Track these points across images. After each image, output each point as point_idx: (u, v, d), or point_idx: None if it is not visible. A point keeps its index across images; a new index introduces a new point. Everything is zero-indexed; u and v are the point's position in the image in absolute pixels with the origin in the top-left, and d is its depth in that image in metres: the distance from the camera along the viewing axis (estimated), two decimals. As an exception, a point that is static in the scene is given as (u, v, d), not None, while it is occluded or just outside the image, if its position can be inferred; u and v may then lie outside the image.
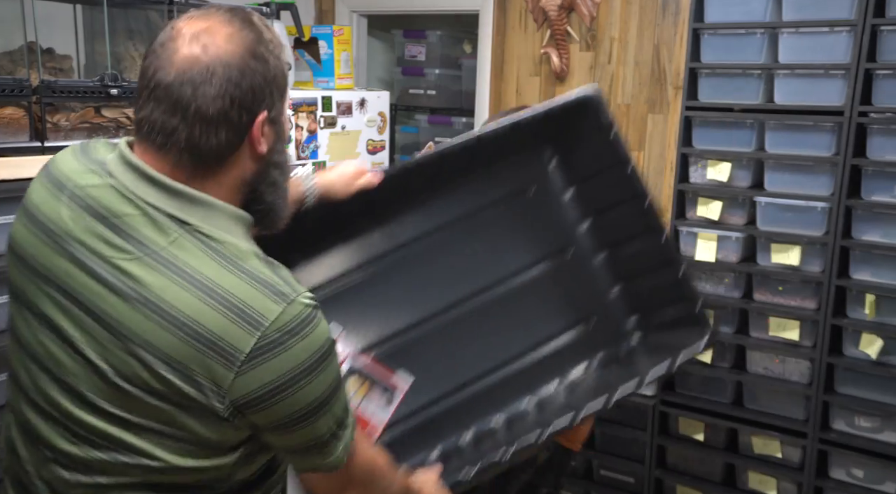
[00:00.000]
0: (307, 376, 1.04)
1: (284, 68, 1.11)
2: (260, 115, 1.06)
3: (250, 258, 1.06)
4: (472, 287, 1.75)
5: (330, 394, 1.09)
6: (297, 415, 1.06)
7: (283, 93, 1.12)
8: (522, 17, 3.23)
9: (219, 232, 1.05)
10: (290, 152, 1.21)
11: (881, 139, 2.27)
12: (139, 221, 1.03)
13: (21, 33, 1.86)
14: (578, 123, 1.73)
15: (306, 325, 1.04)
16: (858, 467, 2.40)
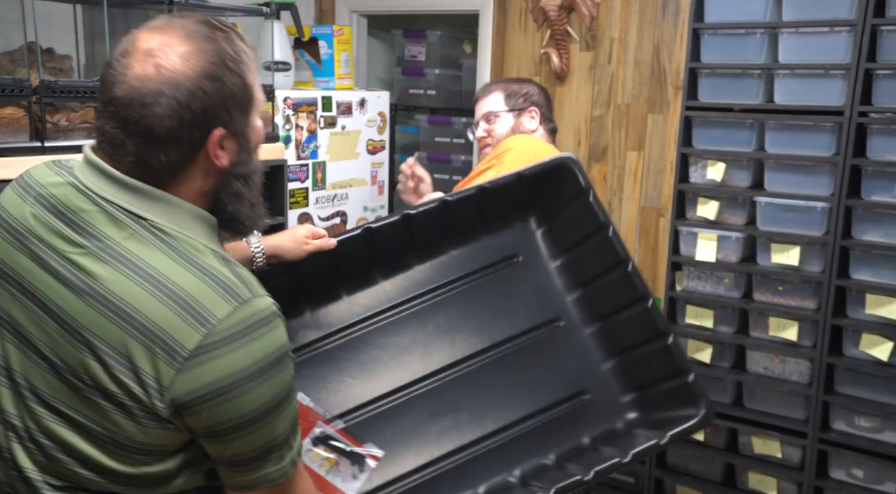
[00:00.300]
0: (251, 382, 1.01)
1: (248, 81, 1.09)
2: (214, 132, 1.05)
3: (207, 255, 1.05)
4: (456, 354, 1.69)
5: (274, 407, 1.05)
6: (235, 424, 1.02)
7: (247, 106, 1.10)
8: (522, 17, 3.23)
9: (176, 228, 1.05)
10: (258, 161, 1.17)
11: (881, 139, 2.27)
12: (96, 217, 1.04)
13: (21, 33, 1.86)
14: (557, 189, 1.73)
15: (258, 328, 1.02)
16: (858, 467, 2.40)
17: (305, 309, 1.69)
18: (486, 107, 2.35)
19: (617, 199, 3.11)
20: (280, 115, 2.63)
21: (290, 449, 1.10)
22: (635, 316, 1.66)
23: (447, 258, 1.76)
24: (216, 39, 1.05)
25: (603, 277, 1.71)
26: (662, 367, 1.63)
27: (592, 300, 1.74)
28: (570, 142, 3.19)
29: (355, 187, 3.02)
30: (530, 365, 1.69)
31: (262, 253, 1.55)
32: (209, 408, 1.00)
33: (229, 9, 2.44)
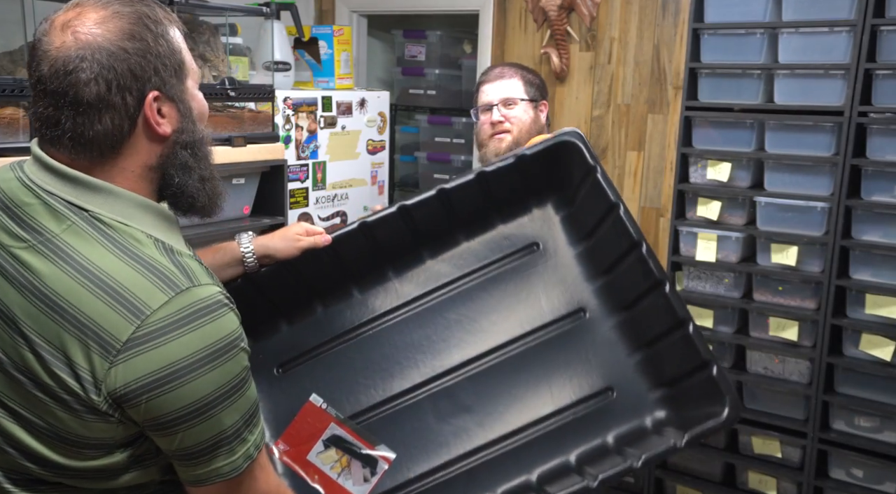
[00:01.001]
0: (191, 372, 0.99)
1: (174, 45, 1.07)
2: (149, 95, 1.03)
3: (147, 246, 1.04)
4: (473, 351, 1.62)
5: (220, 399, 1.03)
6: (177, 415, 1.01)
7: (179, 70, 1.08)
8: (522, 17, 3.23)
9: (118, 218, 1.05)
10: (206, 132, 1.15)
11: (881, 139, 2.27)
12: (38, 210, 1.03)
13: (21, 33, 1.86)
14: (569, 169, 1.64)
15: (198, 318, 1.00)
16: (858, 467, 2.40)
17: (318, 309, 1.66)
18: (507, 92, 2.24)
19: (617, 199, 3.11)
20: (280, 115, 2.63)
21: (242, 443, 1.08)
22: (655, 304, 1.56)
23: (462, 249, 1.68)
24: (133, 3, 1.05)
25: (621, 262, 1.61)
26: (687, 360, 1.52)
27: (615, 288, 1.63)
28: (570, 142, 3.19)
29: (355, 187, 3.02)
30: (552, 360, 1.60)
31: (252, 253, 1.52)
32: (147, 400, 0.99)
33: (229, 9, 2.44)
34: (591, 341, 1.61)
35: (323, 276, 1.62)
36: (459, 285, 1.67)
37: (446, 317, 1.64)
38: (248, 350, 1.08)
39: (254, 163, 2.42)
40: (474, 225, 1.69)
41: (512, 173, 1.65)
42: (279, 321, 1.65)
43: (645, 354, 1.59)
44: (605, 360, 1.60)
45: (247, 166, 2.39)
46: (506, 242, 1.69)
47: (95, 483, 1.09)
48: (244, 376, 1.07)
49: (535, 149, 1.65)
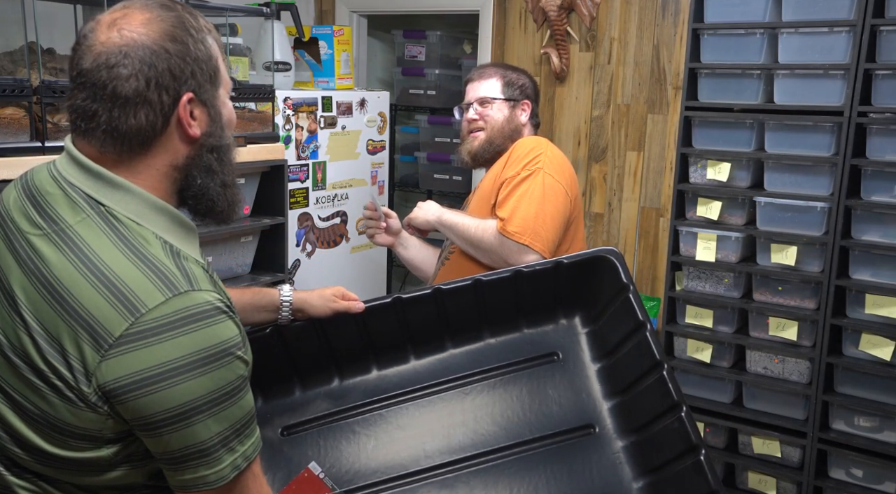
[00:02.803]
0: (180, 375, 1.00)
1: (212, 52, 1.11)
2: (184, 96, 1.07)
3: (154, 246, 1.05)
4: (479, 446, 1.59)
5: (208, 405, 1.02)
6: (163, 417, 1.01)
7: (214, 77, 1.12)
8: (522, 18, 3.23)
9: (132, 216, 1.07)
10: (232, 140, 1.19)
11: (880, 139, 2.27)
12: (58, 200, 1.07)
13: (21, 33, 1.86)
14: (599, 284, 1.66)
15: (193, 322, 1.01)
16: (858, 467, 2.40)
17: (335, 378, 1.65)
18: (483, 91, 2.24)
19: (617, 199, 3.12)
20: (280, 115, 2.63)
21: (230, 452, 1.06)
22: (668, 428, 1.53)
23: (483, 346, 1.68)
24: (176, 9, 1.09)
25: (640, 382, 1.59)
26: (695, 488, 1.48)
27: (629, 409, 1.60)
28: (570, 143, 3.19)
29: (355, 187, 3.02)
30: (555, 471, 1.57)
31: (290, 305, 1.55)
32: (135, 398, 1.00)
33: (229, 9, 2.44)
34: (597, 459, 1.58)
35: (347, 345, 1.61)
36: (476, 380, 1.66)
37: (458, 409, 1.63)
38: (246, 359, 1.08)
39: (254, 163, 2.42)
40: (501, 324, 1.69)
41: (547, 277, 1.66)
42: (294, 383, 1.64)
43: (650, 480, 1.55)
44: (608, 481, 1.56)
45: (247, 166, 2.39)
46: (528, 347, 1.69)
47: (79, 477, 1.09)
48: (238, 384, 1.06)
49: (573, 259, 1.68)
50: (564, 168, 2.06)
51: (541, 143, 2.09)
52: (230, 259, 2.45)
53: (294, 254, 2.75)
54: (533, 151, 2.05)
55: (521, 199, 1.97)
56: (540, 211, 1.96)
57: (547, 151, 2.05)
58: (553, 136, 3.21)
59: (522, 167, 2.02)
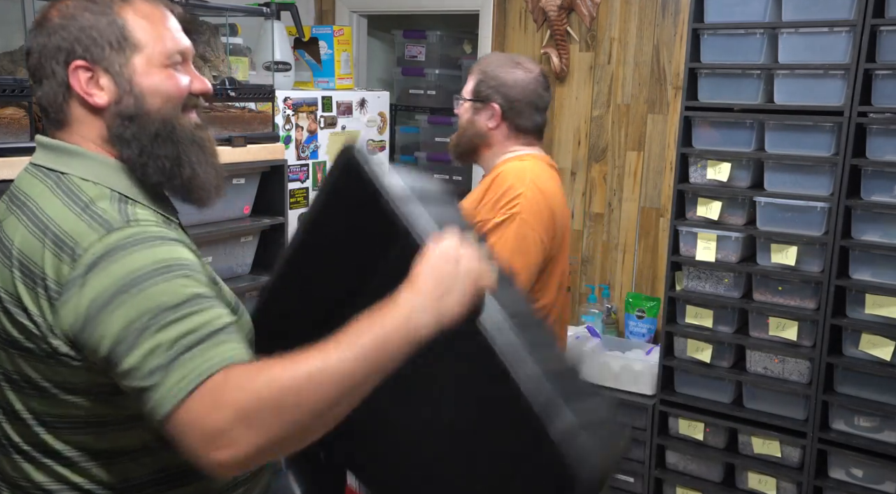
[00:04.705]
0: (120, 295, 0.97)
1: (119, 22, 1.12)
2: (73, 63, 1.11)
3: (104, 200, 1.08)
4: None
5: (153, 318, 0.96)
6: (110, 344, 0.97)
7: (121, 44, 1.12)
8: (522, 17, 3.23)
9: (88, 177, 1.11)
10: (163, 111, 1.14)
11: (880, 139, 2.27)
12: (24, 181, 1.14)
13: (21, 33, 1.86)
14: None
15: (129, 247, 1.01)
16: (858, 467, 2.40)
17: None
18: (464, 88, 2.15)
19: (617, 199, 3.12)
20: (280, 115, 2.63)
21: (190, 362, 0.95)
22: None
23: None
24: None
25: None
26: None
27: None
28: (570, 143, 3.19)
29: (355, 187, 3.02)
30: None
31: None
32: (88, 335, 0.99)
33: (229, 9, 2.44)
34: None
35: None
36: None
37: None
38: (199, 278, 1.02)
39: (254, 163, 2.42)
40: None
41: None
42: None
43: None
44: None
45: (247, 166, 2.39)
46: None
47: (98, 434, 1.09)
48: (202, 295, 1.00)
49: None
50: (542, 209, 1.95)
51: (522, 177, 1.97)
52: (230, 259, 2.45)
53: (294, 254, 2.74)
54: (512, 190, 1.94)
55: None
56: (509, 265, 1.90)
57: (526, 191, 1.94)
58: (553, 136, 3.21)
59: (498, 210, 1.94)
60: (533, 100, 2.09)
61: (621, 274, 3.15)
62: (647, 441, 2.72)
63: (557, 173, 2.18)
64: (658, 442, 2.70)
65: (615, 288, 3.16)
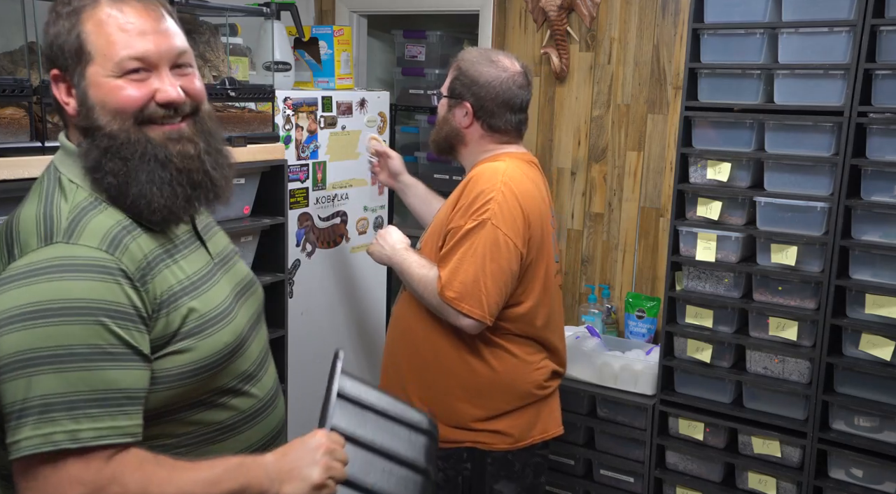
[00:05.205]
0: (11, 324, 0.99)
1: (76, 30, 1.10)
2: (50, 73, 1.14)
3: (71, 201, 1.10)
4: None
5: (33, 361, 0.98)
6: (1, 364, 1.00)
7: (79, 58, 1.10)
8: (522, 17, 3.23)
9: (73, 178, 1.13)
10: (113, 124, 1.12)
11: (880, 139, 2.27)
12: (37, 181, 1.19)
13: (21, 33, 1.86)
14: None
15: (44, 273, 1.01)
16: (858, 467, 2.40)
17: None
18: (444, 82, 2.18)
19: (617, 199, 3.12)
20: (280, 115, 2.63)
21: (49, 424, 0.98)
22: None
23: None
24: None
25: None
26: None
27: None
28: (570, 143, 3.19)
29: (355, 187, 3.02)
30: None
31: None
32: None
33: (229, 9, 2.44)
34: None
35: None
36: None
37: None
38: (107, 325, 1.02)
39: (254, 163, 2.42)
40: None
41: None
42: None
43: None
44: None
45: (247, 166, 2.39)
46: None
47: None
48: (80, 350, 1.00)
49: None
50: (515, 214, 1.94)
51: (494, 182, 1.96)
52: (230, 259, 2.45)
53: (294, 254, 2.74)
54: (482, 195, 1.94)
55: (464, 259, 1.91)
56: (481, 272, 1.89)
57: (497, 196, 1.93)
58: (553, 136, 3.21)
59: (469, 216, 1.94)
60: (506, 100, 2.06)
61: (621, 274, 3.15)
62: (647, 441, 2.72)
63: (538, 169, 2.17)
64: (658, 442, 2.70)
65: (615, 288, 3.17)
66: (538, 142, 3.25)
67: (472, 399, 2.05)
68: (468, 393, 2.05)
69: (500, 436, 2.08)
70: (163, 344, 1.10)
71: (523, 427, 2.10)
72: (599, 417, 2.83)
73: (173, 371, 1.11)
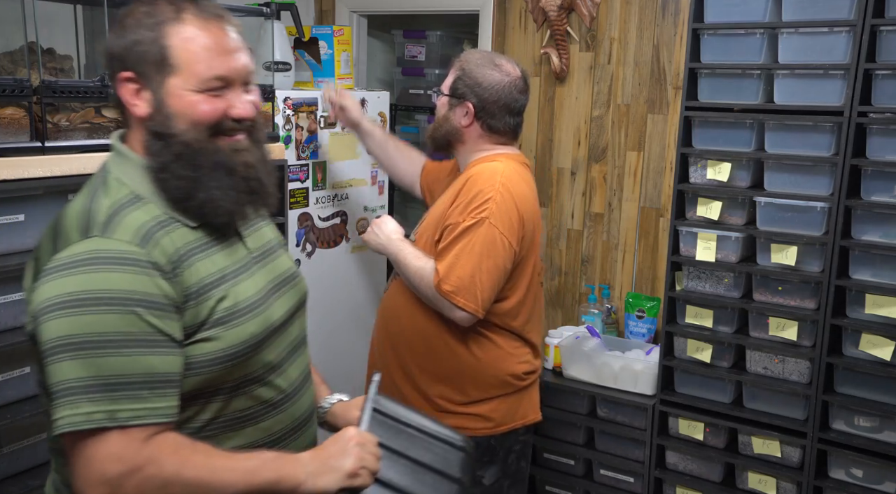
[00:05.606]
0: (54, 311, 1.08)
1: (163, 41, 1.18)
2: (121, 74, 1.20)
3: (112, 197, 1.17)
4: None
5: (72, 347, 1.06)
6: (44, 349, 1.08)
7: (161, 64, 1.18)
8: (522, 17, 3.23)
9: (121, 177, 1.21)
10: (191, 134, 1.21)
11: (880, 139, 2.27)
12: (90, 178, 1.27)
13: (21, 33, 1.86)
14: None
15: (83, 265, 1.09)
16: (858, 467, 2.40)
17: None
18: (444, 81, 2.23)
19: (617, 199, 3.12)
20: (280, 115, 2.63)
21: (91, 403, 1.06)
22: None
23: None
24: (152, 2, 1.21)
25: None
26: None
27: None
28: (570, 143, 3.19)
29: (355, 187, 3.02)
30: None
31: (325, 412, 1.53)
32: (35, 328, 1.11)
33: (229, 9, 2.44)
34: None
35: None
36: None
37: None
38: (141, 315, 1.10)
39: (254, 163, 2.42)
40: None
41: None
42: None
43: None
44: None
45: (247, 166, 2.39)
46: None
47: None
48: (114, 337, 1.08)
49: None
50: (511, 214, 2.02)
51: (493, 182, 2.03)
52: (230, 259, 2.45)
53: (294, 254, 2.75)
54: (481, 195, 2.01)
55: (461, 254, 1.98)
56: (477, 268, 1.98)
57: (496, 196, 2.01)
58: (553, 136, 3.21)
59: (468, 213, 2.01)
60: (506, 103, 2.14)
61: (621, 274, 3.15)
62: (647, 441, 2.72)
63: (529, 170, 2.24)
64: (658, 442, 2.70)
65: (615, 288, 3.17)
66: (538, 142, 3.25)
67: (454, 383, 2.13)
68: (452, 377, 2.12)
69: (481, 420, 2.13)
70: (193, 332, 1.18)
71: (504, 411, 2.17)
72: (599, 417, 2.83)
73: (203, 358, 1.18)
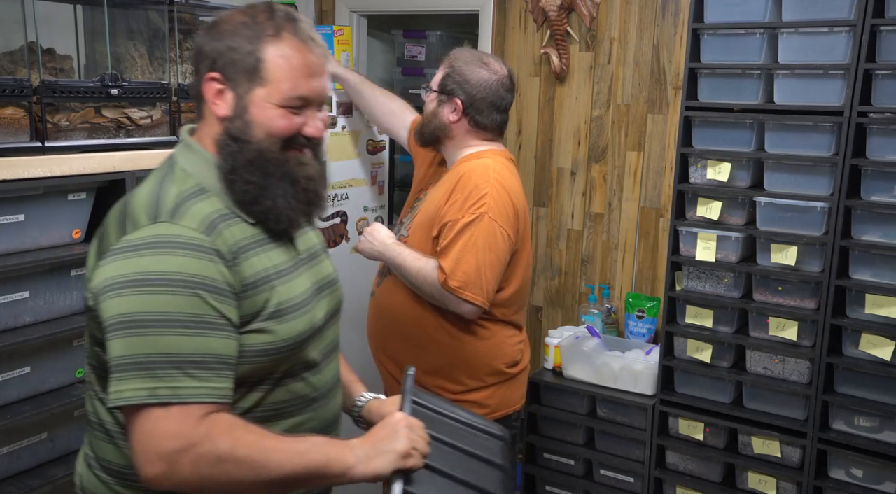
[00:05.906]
0: (116, 289, 1.14)
1: (259, 54, 1.24)
2: (207, 74, 1.26)
3: (179, 187, 1.23)
4: None
5: (137, 324, 1.12)
6: (106, 325, 1.14)
7: (252, 74, 1.25)
8: (522, 17, 3.23)
9: (186, 167, 1.27)
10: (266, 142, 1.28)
11: (880, 139, 2.27)
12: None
13: (21, 33, 1.86)
14: None
15: (148, 247, 1.15)
16: (858, 467, 2.40)
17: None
18: (434, 77, 2.26)
19: (617, 199, 3.12)
20: (280, 115, 2.63)
21: (153, 379, 1.11)
22: None
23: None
24: (254, 14, 1.28)
25: None
26: None
27: None
28: (570, 143, 3.19)
29: (355, 187, 3.02)
30: None
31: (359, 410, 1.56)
32: (97, 305, 1.16)
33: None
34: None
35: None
36: None
37: None
38: (204, 298, 1.15)
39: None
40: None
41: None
42: None
43: None
44: None
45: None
46: None
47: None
48: (181, 318, 1.13)
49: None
50: (507, 207, 2.10)
51: (487, 178, 2.10)
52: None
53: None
54: (477, 190, 2.08)
55: (465, 250, 2.05)
56: (482, 262, 2.05)
57: (492, 191, 2.08)
58: (553, 136, 3.21)
59: (466, 209, 2.08)
60: (494, 101, 2.21)
61: (621, 274, 3.15)
62: (647, 441, 2.72)
63: (515, 166, 2.31)
64: (658, 442, 2.70)
65: (615, 288, 3.17)
66: (538, 142, 3.25)
67: (451, 374, 2.19)
68: (449, 368, 2.18)
69: (477, 408, 2.16)
70: (247, 322, 1.23)
71: (499, 398, 2.23)
72: (599, 417, 2.83)
73: (254, 348, 1.23)
